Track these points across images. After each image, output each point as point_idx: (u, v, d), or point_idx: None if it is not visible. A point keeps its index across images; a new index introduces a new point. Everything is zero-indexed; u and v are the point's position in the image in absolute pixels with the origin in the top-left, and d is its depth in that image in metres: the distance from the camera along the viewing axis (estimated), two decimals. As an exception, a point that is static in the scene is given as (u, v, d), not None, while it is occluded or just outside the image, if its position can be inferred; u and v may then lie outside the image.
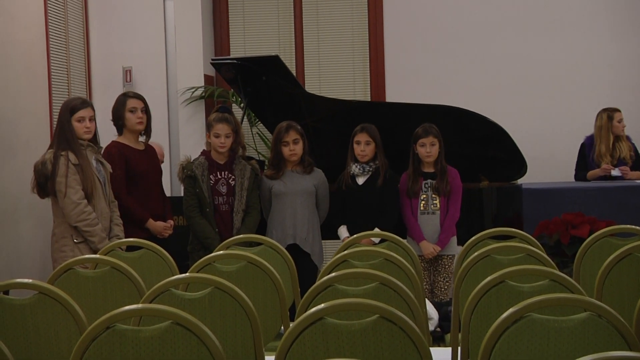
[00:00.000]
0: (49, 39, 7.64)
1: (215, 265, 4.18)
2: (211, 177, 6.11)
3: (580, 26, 8.84)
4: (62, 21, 7.99)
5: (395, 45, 9.06)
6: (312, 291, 3.43)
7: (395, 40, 9.06)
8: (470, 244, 4.71)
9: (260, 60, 7.14)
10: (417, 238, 6.25)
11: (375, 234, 5.41)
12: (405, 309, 3.27)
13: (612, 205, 7.00)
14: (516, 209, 6.95)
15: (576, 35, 8.83)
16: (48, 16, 7.62)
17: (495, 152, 6.93)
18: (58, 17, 7.90)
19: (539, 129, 8.71)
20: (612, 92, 8.60)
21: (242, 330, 3.37)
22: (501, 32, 8.91)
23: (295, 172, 6.27)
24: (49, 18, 7.65)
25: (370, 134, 6.33)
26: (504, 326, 2.74)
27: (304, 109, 7.06)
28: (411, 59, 9.01)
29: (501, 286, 3.39)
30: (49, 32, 7.65)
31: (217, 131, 6.10)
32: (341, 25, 9.17)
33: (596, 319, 2.72)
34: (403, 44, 9.03)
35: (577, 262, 4.61)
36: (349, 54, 9.18)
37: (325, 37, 9.18)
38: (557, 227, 6.62)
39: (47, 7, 7.61)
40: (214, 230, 6.02)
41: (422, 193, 6.31)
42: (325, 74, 9.20)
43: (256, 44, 9.18)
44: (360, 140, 6.34)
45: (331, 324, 2.78)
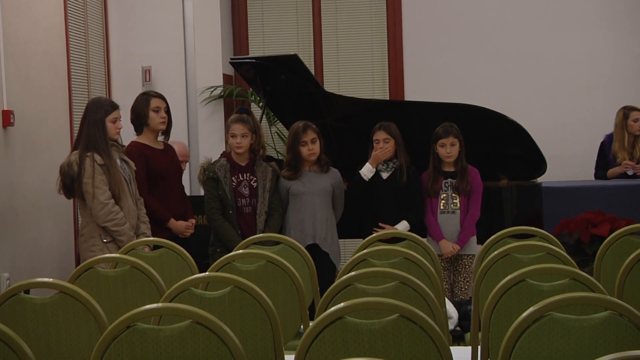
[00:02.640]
0: (69, 39, 7.68)
1: (235, 265, 4.18)
2: (233, 178, 6.10)
3: (600, 22, 8.80)
4: (81, 21, 8.02)
5: (413, 43, 9.05)
6: (331, 290, 3.43)
7: (413, 39, 9.05)
8: (489, 242, 4.69)
9: (279, 59, 7.15)
10: (436, 237, 6.24)
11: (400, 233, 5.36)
12: (425, 308, 3.26)
13: (632, 204, 6.98)
14: (536, 207, 6.92)
15: (596, 32, 8.80)
16: (68, 16, 7.65)
17: (514, 150, 6.90)
18: (78, 17, 7.94)
19: (558, 127, 8.68)
20: (634, 90, 8.55)
21: (262, 329, 3.37)
22: (520, 29, 8.88)
23: (312, 172, 6.26)
24: (69, 18, 7.69)
25: (388, 131, 6.33)
26: (525, 325, 2.73)
27: (323, 108, 7.06)
28: (430, 58, 9.00)
29: (521, 285, 3.37)
30: (69, 32, 7.68)
31: (234, 131, 6.10)
32: (360, 23, 9.17)
33: (617, 318, 2.70)
34: (422, 42, 9.02)
35: (598, 261, 4.59)
36: (368, 52, 9.18)
37: (344, 35, 9.19)
38: (578, 225, 6.60)
39: (67, 7, 7.64)
40: (237, 233, 6.01)
41: (442, 192, 6.30)
42: (344, 73, 9.20)
43: (275, 43, 9.19)
44: (378, 139, 6.34)
45: (351, 323, 2.78)
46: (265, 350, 3.36)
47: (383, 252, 4.38)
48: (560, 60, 8.82)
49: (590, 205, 6.85)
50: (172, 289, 3.40)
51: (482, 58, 8.93)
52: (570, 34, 8.82)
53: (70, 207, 7.39)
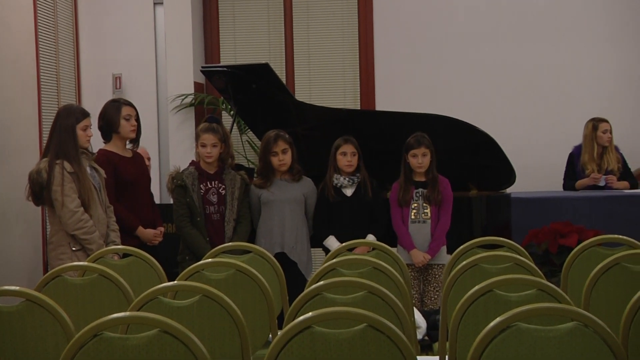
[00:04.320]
0: (39, 45, 7.64)
1: (204, 273, 4.17)
2: (201, 186, 6.10)
3: (570, 35, 8.87)
4: (51, 28, 7.98)
5: (385, 53, 9.08)
6: (300, 299, 3.44)
7: (385, 49, 9.08)
8: (458, 252, 4.72)
9: (250, 68, 7.14)
10: (407, 247, 6.26)
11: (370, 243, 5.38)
12: (393, 318, 3.27)
13: (600, 215, 7.03)
14: (505, 217, 6.96)
15: (566, 45, 8.87)
16: (38, 23, 7.62)
17: (484, 161, 6.94)
18: (48, 24, 7.90)
19: (528, 138, 8.74)
20: (602, 102, 8.63)
21: (230, 338, 3.37)
22: (491, 41, 8.94)
23: (284, 181, 6.28)
24: (39, 24, 7.65)
25: (355, 145, 6.35)
26: (491, 335, 2.75)
27: (294, 117, 7.07)
28: (401, 68, 9.03)
29: (489, 295, 3.39)
30: (39, 39, 7.64)
31: (204, 141, 6.11)
32: (331, 32, 9.19)
33: (583, 329, 2.72)
34: (393, 52, 9.05)
35: (565, 272, 4.62)
36: (339, 61, 9.20)
37: (316, 45, 9.20)
38: (546, 236, 6.64)
39: (37, 13, 7.61)
40: (206, 240, 6.01)
41: (413, 202, 6.32)
42: (315, 82, 9.21)
43: (246, 52, 9.19)
44: (346, 152, 6.35)
45: (319, 333, 2.78)
46: (233, 359, 3.35)
47: (352, 262, 4.39)
48: (530, 72, 8.88)
49: (559, 216, 6.90)
50: (140, 298, 3.39)
51: (453, 69, 8.98)
52: (540, 46, 8.89)
53: (39, 214, 7.35)
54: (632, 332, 3.26)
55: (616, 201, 7.19)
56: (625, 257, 4.11)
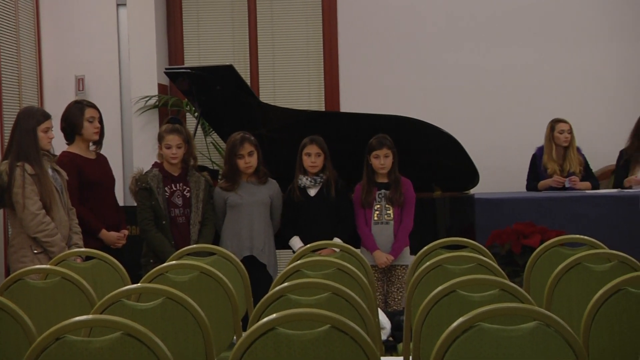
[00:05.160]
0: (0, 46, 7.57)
1: (168, 276, 4.16)
2: (166, 189, 6.07)
3: (534, 37, 8.93)
4: (13, 28, 7.91)
5: (349, 55, 9.09)
6: (264, 301, 3.44)
7: (349, 51, 9.09)
8: (422, 253, 4.74)
9: (214, 69, 7.12)
10: (370, 248, 6.27)
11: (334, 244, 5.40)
12: (357, 319, 3.28)
13: (562, 215, 7.08)
14: (469, 218, 7.00)
15: (530, 46, 8.92)
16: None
17: (448, 162, 6.97)
18: (9, 24, 7.83)
19: (491, 139, 8.79)
20: (566, 104, 8.69)
21: (194, 340, 3.36)
22: (454, 43, 8.98)
23: (250, 183, 6.26)
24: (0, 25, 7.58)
25: (319, 145, 6.35)
26: (454, 335, 2.76)
27: (259, 119, 7.06)
28: (365, 70, 9.05)
29: (452, 296, 3.41)
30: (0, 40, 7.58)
31: (169, 142, 6.08)
32: (296, 34, 9.19)
33: (544, 328, 2.75)
34: (357, 54, 9.07)
35: (528, 272, 4.66)
36: (304, 63, 9.20)
37: (280, 46, 9.20)
38: (509, 236, 6.69)
39: (-2, 14, 7.54)
40: (171, 243, 5.98)
41: (375, 203, 6.34)
42: (279, 84, 9.21)
43: (211, 53, 9.16)
44: (310, 152, 6.35)
45: (283, 334, 2.78)
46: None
47: (317, 263, 4.40)
48: (493, 73, 8.93)
49: (522, 217, 6.94)
50: (103, 301, 3.37)
51: (417, 70, 9.01)
52: (504, 47, 8.94)
53: (0, 217, 7.27)
54: (593, 332, 3.29)
55: (578, 202, 7.25)
56: (587, 257, 4.15)
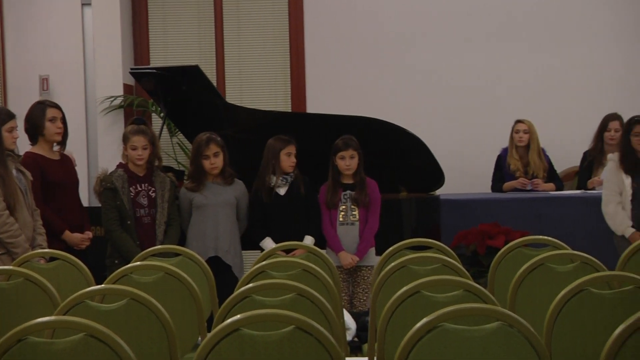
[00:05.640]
0: (-36, 46, 7.50)
1: (132, 277, 4.14)
2: (131, 189, 6.04)
3: (498, 38, 8.99)
4: (-23, 28, 7.85)
5: (315, 56, 9.11)
6: (229, 302, 3.44)
7: (316, 51, 9.10)
8: (387, 254, 4.75)
9: (180, 70, 7.10)
10: (335, 249, 6.28)
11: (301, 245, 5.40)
12: (322, 320, 3.28)
13: (527, 216, 7.14)
14: (434, 219, 7.03)
15: (494, 47, 8.98)
16: (-38, 23, 7.48)
17: (413, 163, 6.99)
18: (-27, 24, 7.76)
19: (457, 141, 8.84)
20: (530, 105, 8.76)
21: (158, 341, 3.35)
22: (421, 43, 9.02)
23: (216, 184, 6.26)
24: (-36, 25, 7.52)
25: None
26: (418, 336, 2.77)
27: (225, 120, 7.05)
28: (331, 71, 9.07)
29: (416, 296, 3.43)
30: (-36, 39, 7.51)
31: (134, 143, 6.05)
32: (262, 35, 9.19)
33: (507, 329, 2.77)
34: (324, 55, 9.08)
35: (492, 272, 4.69)
36: (270, 64, 9.20)
37: (247, 47, 9.19)
38: (474, 237, 6.73)
39: (-38, 13, 7.47)
40: (136, 244, 5.95)
41: (341, 204, 6.35)
42: (246, 85, 9.20)
43: (177, 54, 9.14)
44: (291, 152, 6.35)
45: (247, 335, 2.78)
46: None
47: (282, 264, 4.40)
48: (459, 74, 8.98)
49: (487, 218, 6.99)
50: (67, 302, 3.35)
51: (383, 71, 9.04)
52: (468, 48, 8.99)
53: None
54: (556, 332, 3.33)
55: (543, 203, 7.31)
56: (550, 257, 4.19)
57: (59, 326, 3.08)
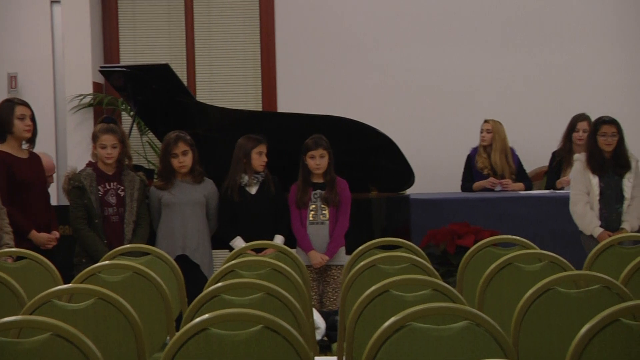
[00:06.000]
0: None
1: (100, 276, 4.13)
2: (100, 187, 6.01)
3: (467, 38, 9.01)
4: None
5: (286, 55, 9.09)
6: (197, 301, 3.43)
7: (286, 50, 9.09)
8: (357, 253, 4.77)
9: (150, 68, 7.08)
10: (305, 248, 6.28)
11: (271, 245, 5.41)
12: (291, 319, 3.28)
13: (496, 216, 7.18)
14: (404, 219, 7.04)
15: (464, 47, 9.01)
16: None
17: (383, 162, 7.00)
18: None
19: (427, 140, 8.85)
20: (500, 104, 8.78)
21: (126, 341, 3.34)
22: (391, 43, 9.03)
23: (185, 183, 6.24)
24: None
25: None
26: (386, 335, 2.78)
27: (195, 118, 7.03)
28: (302, 70, 9.06)
29: (385, 295, 3.44)
30: None
31: (104, 142, 6.02)
32: (233, 34, 9.16)
33: (474, 328, 2.78)
34: (294, 54, 9.07)
35: (461, 272, 4.71)
36: (241, 63, 9.17)
37: (217, 45, 9.16)
38: (444, 236, 6.75)
39: None
40: (103, 243, 5.92)
41: (311, 203, 6.35)
42: (216, 83, 9.17)
43: (147, 52, 9.09)
44: (262, 151, 6.35)
45: (215, 335, 2.78)
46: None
47: (251, 263, 4.40)
48: (429, 74, 8.99)
49: (457, 217, 7.02)
50: (33, 301, 3.33)
51: (354, 71, 9.04)
52: (438, 48, 9.01)
53: None
54: (523, 331, 3.35)
55: (512, 202, 7.35)
56: (518, 257, 4.21)
57: (25, 326, 3.06)
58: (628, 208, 6.38)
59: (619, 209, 6.38)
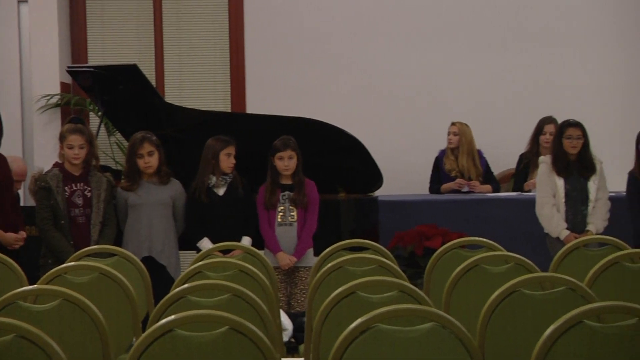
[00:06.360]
0: None
1: (66, 277, 4.11)
2: (66, 188, 5.98)
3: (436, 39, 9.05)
4: None
5: (255, 56, 9.08)
6: (164, 303, 3.42)
7: (255, 51, 9.08)
8: (324, 255, 4.78)
9: (118, 69, 7.04)
10: (273, 249, 6.28)
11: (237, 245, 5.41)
12: (258, 321, 3.28)
13: (464, 217, 7.21)
14: (373, 220, 7.05)
15: (433, 48, 9.04)
16: None
17: (352, 164, 7.02)
18: None
19: (395, 142, 8.88)
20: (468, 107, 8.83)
21: (92, 342, 3.32)
22: (361, 45, 9.05)
23: (151, 183, 6.22)
24: None
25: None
26: (352, 336, 2.79)
27: (163, 119, 7.00)
28: (271, 71, 9.05)
29: (352, 297, 3.44)
30: None
31: (71, 142, 5.99)
32: (202, 35, 9.14)
33: (440, 329, 2.79)
34: (263, 55, 9.07)
35: (428, 273, 4.73)
36: (210, 64, 9.15)
37: (186, 46, 9.13)
38: (412, 238, 6.77)
39: None
40: (69, 243, 5.89)
41: (279, 205, 6.34)
42: (185, 84, 9.14)
43: (115, 52, 9.04)
44: (231, 153, 6.34)
45: (181, 336, 2.77)
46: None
47: (219, 265, 4.39)
48: (398, 76, 9.02)
49: (425, 219, 7.04)
50: (-2, 302, 3.31)
51: (323, 72, 9.05)
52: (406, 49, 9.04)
53: None
54: (489, 332, 3.36)
55: (480, 204, 7.39)
56: (485, 259, 4.23)
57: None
58: (593, 210, 6.45)
59: (585, 211, 6.44)
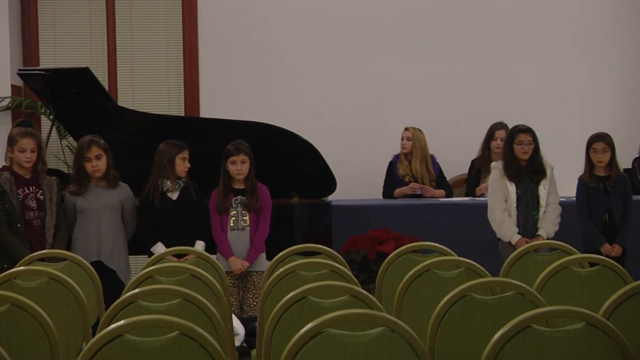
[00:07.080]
0: None
1: (16, 282, 4.06)
2: (19, 192, 5.92)
3: (389, 44, 9.09)
4: None
5: (209, 60, 9.06)
6: (114, 308, 3.40)
7: (209, 56, 9.06)
8: (277, 260, 4.77)
9: (70, 72, 6.98)
10: (226, 254, 6.26)
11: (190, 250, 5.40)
12: (209, 325, 3.27)
13: (417, 222, 7.24)
14: (326, 225, 7.07)
15: (385, 54, 9.08)
16: None
17: (305, 169, 7.03)
18: None
19: (348, 147, 8.90)
20: (421, 112, 8.88)
21: (41, 348, 3.30)
22: (314, 50, 9.06)
23: (99, 188, 6.18)
24: None
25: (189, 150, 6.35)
26: (303, 341, 2.79)
27: (116, 123, 6.96)
28: (225, 75, 9.03)
29: (303, 302, 3.45)
30: None
31: (23, 146, 5.93)
32: (155, 38, 9.08)
33: (390, 334, 2.80)
34: (217, 59, 9.04)
35: (380, 278, 4.74)
36: (164, 68, 9.11)
37: (139, 50, 9.07)
38: (365, 243, 6.79)
39: None
40: (25, 247, 5.83)
41: (232, 209, 6.33)
42: (138, 88, 9.08)
43: (67, 55, 8.95)
44: (186, 157, 6.32)
45: (130, 341, 2.75)
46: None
47: (170, 269, 4.37)
48: (351, 81, 9.05)
49: (378, 223, 7.06)
50: (-55, 308, 3.26)
51: (277, 77, 9.04)
52: (360, 55, 9.06)
53: None
54: (439, 337, 3.38)
55: (432, 209, 7.43)
56: (436, 263, 4.26)
57: None
58: (544, 215, 6.52)
59: (536, 216, 6.50)
